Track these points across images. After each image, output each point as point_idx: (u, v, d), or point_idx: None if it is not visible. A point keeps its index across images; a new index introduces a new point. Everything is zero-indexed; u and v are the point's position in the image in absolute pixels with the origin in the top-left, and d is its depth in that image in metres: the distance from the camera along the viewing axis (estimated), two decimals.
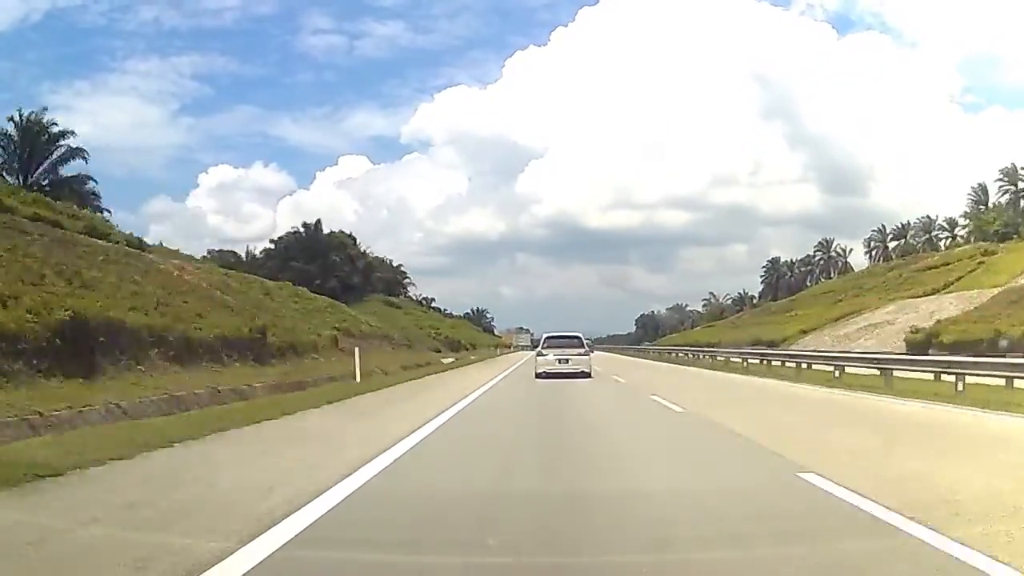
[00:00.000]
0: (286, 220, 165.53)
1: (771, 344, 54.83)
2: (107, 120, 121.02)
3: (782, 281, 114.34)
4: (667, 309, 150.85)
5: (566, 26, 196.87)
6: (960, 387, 15.60)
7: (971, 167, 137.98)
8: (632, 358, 58.83)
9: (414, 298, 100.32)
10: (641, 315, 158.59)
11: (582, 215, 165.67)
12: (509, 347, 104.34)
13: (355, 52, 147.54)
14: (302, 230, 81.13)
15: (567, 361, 25.53)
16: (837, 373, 21.49)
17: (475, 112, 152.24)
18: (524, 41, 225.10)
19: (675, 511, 5.62)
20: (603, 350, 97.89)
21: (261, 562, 4.16)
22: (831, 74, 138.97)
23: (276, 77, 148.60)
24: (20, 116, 46.08)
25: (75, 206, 28.99)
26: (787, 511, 5.61)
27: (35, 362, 11.61)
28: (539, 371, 25.30)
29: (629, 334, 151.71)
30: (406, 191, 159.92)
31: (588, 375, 24.97)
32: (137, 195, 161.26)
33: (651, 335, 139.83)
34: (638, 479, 7.19)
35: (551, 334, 28.38)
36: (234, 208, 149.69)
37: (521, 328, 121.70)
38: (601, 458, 8.56)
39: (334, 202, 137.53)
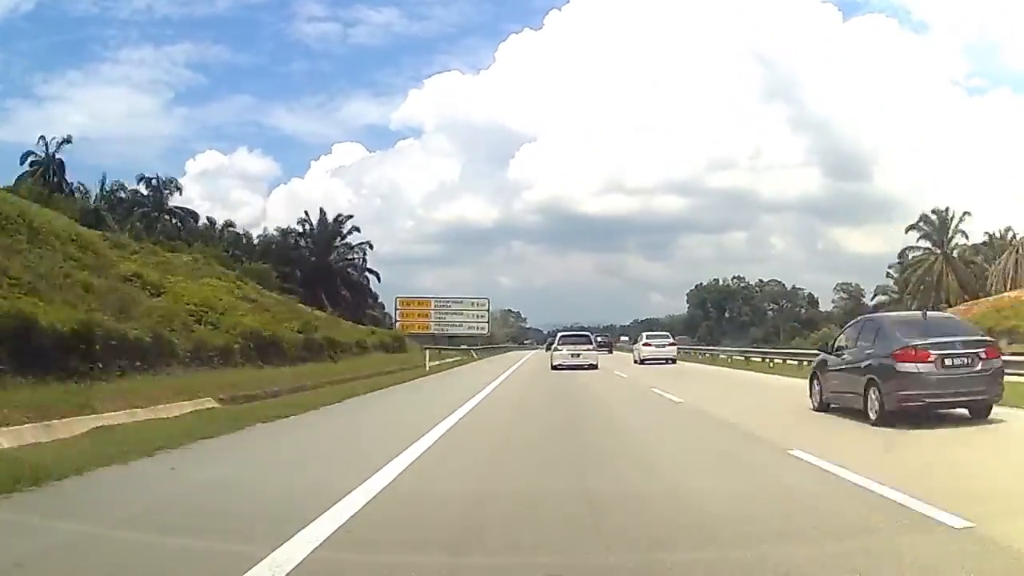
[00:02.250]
0: (280, 209, 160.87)
1: None
2: (100, 110, 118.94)
3: None
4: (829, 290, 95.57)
5: (560, 9, 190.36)
6: None
7: (975, 152, 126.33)
8: None
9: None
10: (697, 286, 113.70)
11: (577, 201, 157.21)
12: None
13: (349, 40, 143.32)
14: None
15: (578, 355, 29.70)
16: None
17: (467, 98, 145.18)
18: (518, 26, 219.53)
19: None
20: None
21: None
22: (836, 56, 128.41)
23: (270, 66, 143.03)
24: None
25: None
26: None
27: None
28: (555, 363, 29.52)
29: (670, 318, 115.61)
30: (399, 178, 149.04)
31: (596, 367, 28.93)
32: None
33: (717, 314, 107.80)
34: None
35: (565, 332, 33.14)
36: (221, 196, 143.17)
37: (510, 311, 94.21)
38: None
39: (328, 190, 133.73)
